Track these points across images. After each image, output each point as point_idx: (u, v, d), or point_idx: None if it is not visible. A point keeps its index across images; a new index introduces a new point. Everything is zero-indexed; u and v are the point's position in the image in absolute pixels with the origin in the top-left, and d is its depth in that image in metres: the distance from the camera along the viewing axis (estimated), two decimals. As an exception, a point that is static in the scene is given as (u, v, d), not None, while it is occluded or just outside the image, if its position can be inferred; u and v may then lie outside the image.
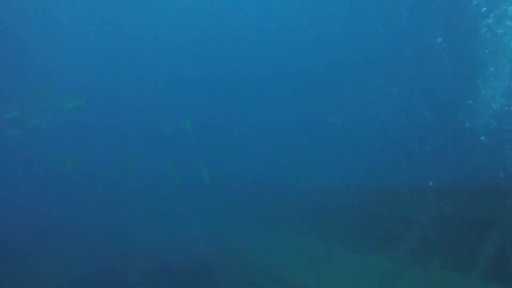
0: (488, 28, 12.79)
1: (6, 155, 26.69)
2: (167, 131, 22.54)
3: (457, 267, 8.00)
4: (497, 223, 7.70)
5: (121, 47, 33.67)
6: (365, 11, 24.45)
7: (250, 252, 12.34)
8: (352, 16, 25.63)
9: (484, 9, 12.69)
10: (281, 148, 23.09)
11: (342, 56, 25.14)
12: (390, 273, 8.60)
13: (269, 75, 28.59)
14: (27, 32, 31.16)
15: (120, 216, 19.50)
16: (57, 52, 32.58)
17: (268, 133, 25.83)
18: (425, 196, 9.09)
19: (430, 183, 9.38)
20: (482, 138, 11.61)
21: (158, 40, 33.45)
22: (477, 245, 7.84)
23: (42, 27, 31.29)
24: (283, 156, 21.78)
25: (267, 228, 13.66)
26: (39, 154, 26.21)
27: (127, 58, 33.92)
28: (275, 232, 13.09)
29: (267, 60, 29.65)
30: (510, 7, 12.75)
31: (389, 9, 20.59)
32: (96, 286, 11.86)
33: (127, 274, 12.24)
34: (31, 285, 12.24)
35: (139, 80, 34.21)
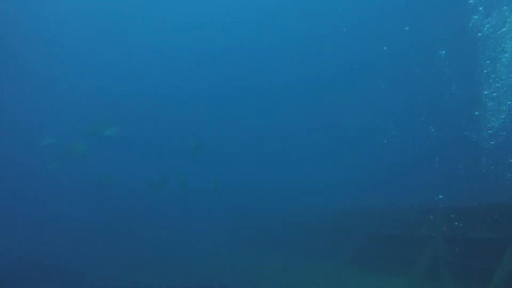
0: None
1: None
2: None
3: (470, 286, 7.85)
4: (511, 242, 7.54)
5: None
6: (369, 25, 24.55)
7: (262, 276, 12.25)
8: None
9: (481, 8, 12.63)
10: (290, 171, 23.00)
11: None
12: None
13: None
14: (65, 61, 32.12)
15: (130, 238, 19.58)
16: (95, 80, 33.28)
17: (278, 157, 25.78)
18: (437, 215, 8.98)
19: (440, 202, 9.25)
20: (494, 152, 11.43)
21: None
22: (491, 264, 7.68)
23: (81, 57, 32.16)
24: (293, 179, 21.69)
25: (279, 251, 13.55)
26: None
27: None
28: (288, 255, 13.00)
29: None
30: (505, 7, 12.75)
31: (392, 23, 20.63)
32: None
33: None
34: None
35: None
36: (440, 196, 12.12)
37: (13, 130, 30.46)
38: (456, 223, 8.64)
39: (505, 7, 13.09)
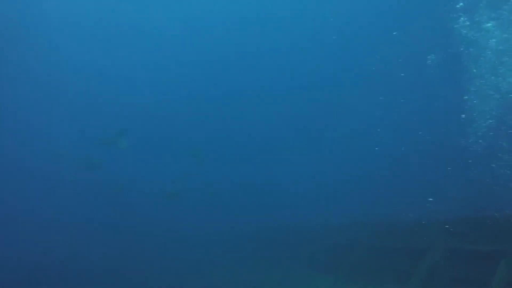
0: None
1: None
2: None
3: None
4: (508, 254, 7.61)
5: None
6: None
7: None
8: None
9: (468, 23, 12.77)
10: (291, 184, 22.98)
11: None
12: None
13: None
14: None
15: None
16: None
17: (279, 169, 25.72)
18: (434, 227, 9.02)
19: (434, 211, 9.32)
20: (482, 155, 11.54)
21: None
22: (488, 277, 7.77)
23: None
24: (294, 192, 21.70)
25: (276, 262, 13.51)
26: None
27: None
28: (285, 266, 12.96)
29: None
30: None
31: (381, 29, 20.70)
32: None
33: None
34: None
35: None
36: (430, 199, 12.22)
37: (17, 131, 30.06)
38: (452, 234, 8.69)
39: (483, 3, 13.22)
